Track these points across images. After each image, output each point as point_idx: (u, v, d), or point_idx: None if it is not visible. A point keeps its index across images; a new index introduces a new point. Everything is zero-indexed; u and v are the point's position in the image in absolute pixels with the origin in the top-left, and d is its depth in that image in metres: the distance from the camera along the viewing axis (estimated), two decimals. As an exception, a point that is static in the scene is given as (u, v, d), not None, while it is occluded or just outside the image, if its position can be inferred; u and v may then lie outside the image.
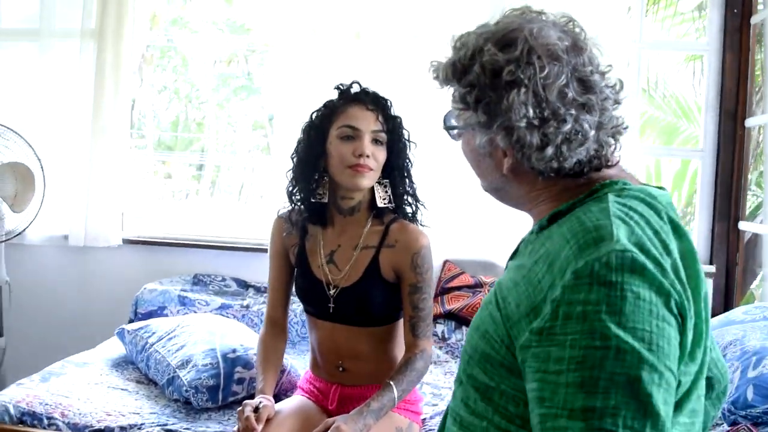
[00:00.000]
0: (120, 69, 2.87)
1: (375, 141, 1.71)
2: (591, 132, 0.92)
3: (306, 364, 1.99)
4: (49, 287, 2.97)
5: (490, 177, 1.02)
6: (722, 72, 2.83)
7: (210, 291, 2.83)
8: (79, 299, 2.95)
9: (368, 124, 1.71)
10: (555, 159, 0.92)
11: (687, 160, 4.23)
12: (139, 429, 1.84)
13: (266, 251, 2.01)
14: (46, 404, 1.91)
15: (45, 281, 2.98)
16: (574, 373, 0.79)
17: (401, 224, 1.75)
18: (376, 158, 1.71)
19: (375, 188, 1.75)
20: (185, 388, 1.99)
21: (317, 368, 1.88)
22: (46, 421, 1.87)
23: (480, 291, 2.75)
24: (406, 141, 1.79)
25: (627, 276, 0.80)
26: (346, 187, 1.72)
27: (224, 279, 2.90)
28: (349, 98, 1.75)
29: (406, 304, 1.73)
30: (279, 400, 1.86)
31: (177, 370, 2.05)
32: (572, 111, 0.91)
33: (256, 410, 1.64)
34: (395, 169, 1.76)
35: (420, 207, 1.81)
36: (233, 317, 2.63)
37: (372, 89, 1.78)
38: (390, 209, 1.77)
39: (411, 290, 1.72)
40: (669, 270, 0.83)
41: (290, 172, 1.80)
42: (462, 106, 0.97)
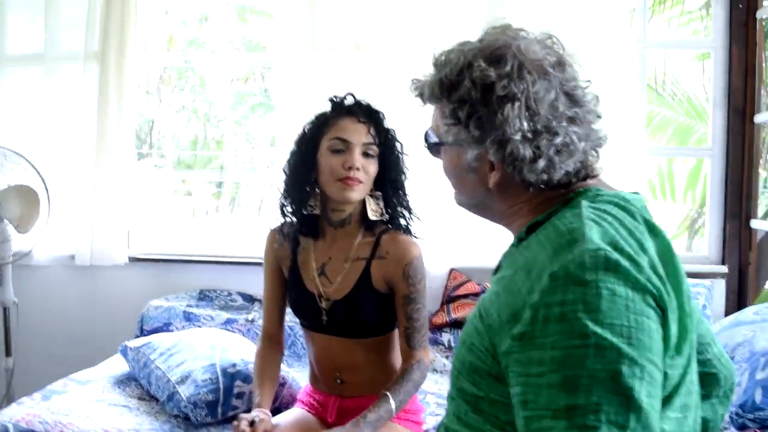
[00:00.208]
0: (123, 89, 2.89)
1: (365, 154, 1.69)
2: (580, 144, 0.95)
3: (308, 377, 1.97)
4: (57, 307, 2.99)
5: (472, 192, 1.04)
6: (729, 68, 2.78)
7: (215, 306, 2.82)
8: (87, 318, 2.96)
9: (359, 137, 1.69)
10: (546, 171, 0.94)
11: (701, 160, 4.14)
12: (138, 446, 1.84)
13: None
14: (46, 423, 1.91)
15: (52, 301, 2.99)
16: (556, 374, 0.80)
17: (392, 235, 1.73)
18: (367, 171, 1.69)
19: (366, 200, 1.73)
20: (184, 404, 1.98)
21: (316, 381, 1.87)
22: (45, 440, 1.86)
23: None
24: (399, 153, 1.76)
25: (601, 274, 0.81)
26: (336, 200, 1.70)
27: (230, 294, 2.89)
28: (341, 110, 1.73)
29: (401, 315, 1.71)
30: (280, 413, 1.85)
31: (176, 386, 2.04)
32: (563, 123, 0.93)
33: (252, 424, 1.63)
34: (387, 182, 1.74)
35: (413, 219, 1.78)
36: (238, 331, 2.62)
37: (366, 101, 1.76)
38: (382, 221, 1.75)
39: (405, 301, 1.70)
40: (645, 266, 0.84)
41: (282, 185, 1.79)
42: (452, 122, 0.98)
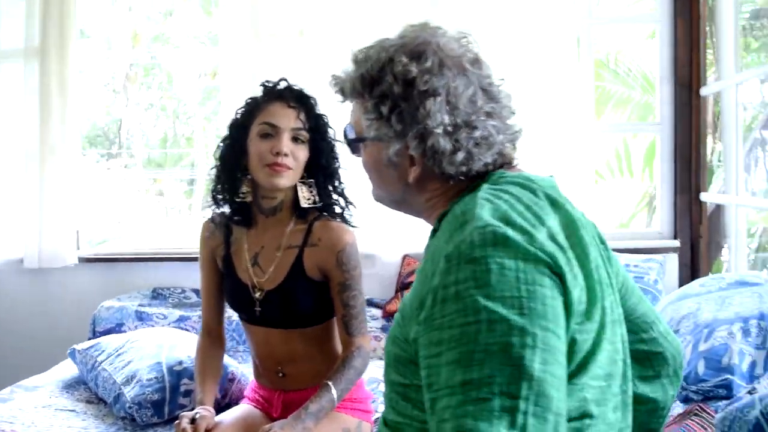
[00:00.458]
0: (66, 87, 2.83)
1: (295, 139, 1.66)
2: (498, 137, 0.99)
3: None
4: (7, 311, 2.93)
5: (392, 188, 1.06)
6: (675, 42, 2.78)
7: (169, 304, 2.78)
8: (39, 321, 2.91)
9: (288, 122, 1.66)
10: (465, 163, 0.97)
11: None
12: (81, 450, 1.80)
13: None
14: (-13, 431, 1.87)
15: (2, 306, 2.94)
16: (452, 351, 0.82)
17: (324, 222, 1.70)
18: (296, 157, 1.66)
19: (298, 188, 1.70)
20: (128, 405, 1.95)
21: (259, 375, 1.84)
22: (-14, 449, 1.83)
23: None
24: (332, 140, 1.73)
25: (490, 250, 0.84)
26: (265, 187, 1.67)
27: (183, 291, 2.86)
28: (272, 95, 1.70)
29: (337, 303, 1.69)
30: (230, 408, 1.82)
31: (122, 387, 2.01)
32: (482, 117, 0.97)
33: (193, 421, 1.60)
34: (319, 169, 1.71)
35: (350, 207, 1.76)
36: (192, 329, 2.58)
37: (298, 87, 1.72)
38: (315, 208, 1.72)
39: (340, 288, 1.68)
40: (539, 237, 0.86)
41: (213, 171, 1.75)
42: (374, 116, 1.01)
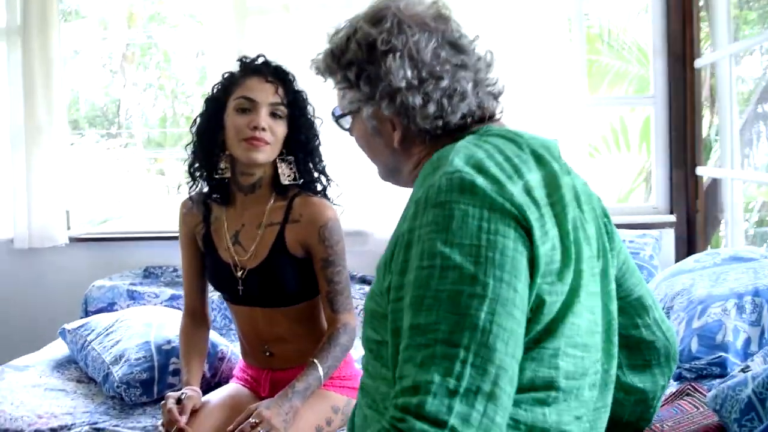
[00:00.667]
0: (51, 65, 2.80)
1: (273, 114, 1.64)
2: (469, 87, 0.98)
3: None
4: (-1, 292, 2.93)
5: (383, 158, 1.07)
6: (667, 14, 2.73)
7: (161, 283, 2.77)
8: (30, 303, 2.90)
9: (266, 96, 1.63)
10: (439, 116, 0.97)
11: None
12: (69, 430, 1.80)
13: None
14: (-24, 411, 1.87)
15: (-6, 286, 2.93)
16: (409, 295, 0.83)
17: (304, 198, 1.68)
18: (274, 132, 1.63)
19: (278, 164, 1.67)
20: (117, 384, 1.94)
21: (246, 355, 1.83)
22: (-26, 429, 1.82)
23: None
24: (311, 116, 1.71)
25: (456, 195, 0.83)
26: (243, 162, 1.64)
27: (176, 269, 2.83)
28: (249, 70, 1.67)
29: (321, 280, 1.67)
30: (219, 387, 1.81)
31: (110, 367, 2.00)
32: (447, 68, 0.97)
33: (179, 402, 1.60)
34: (298, 145, 1.68)
35: (330, 184, 1.74)
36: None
37: (275, 62, 1.70)
38: (295, 185, 1.70)
39: (323, 264, 1.66)
40: (514, 189, 0.84)
41: (190, 147, 1.73)
42: (345, 85, 1.03)
